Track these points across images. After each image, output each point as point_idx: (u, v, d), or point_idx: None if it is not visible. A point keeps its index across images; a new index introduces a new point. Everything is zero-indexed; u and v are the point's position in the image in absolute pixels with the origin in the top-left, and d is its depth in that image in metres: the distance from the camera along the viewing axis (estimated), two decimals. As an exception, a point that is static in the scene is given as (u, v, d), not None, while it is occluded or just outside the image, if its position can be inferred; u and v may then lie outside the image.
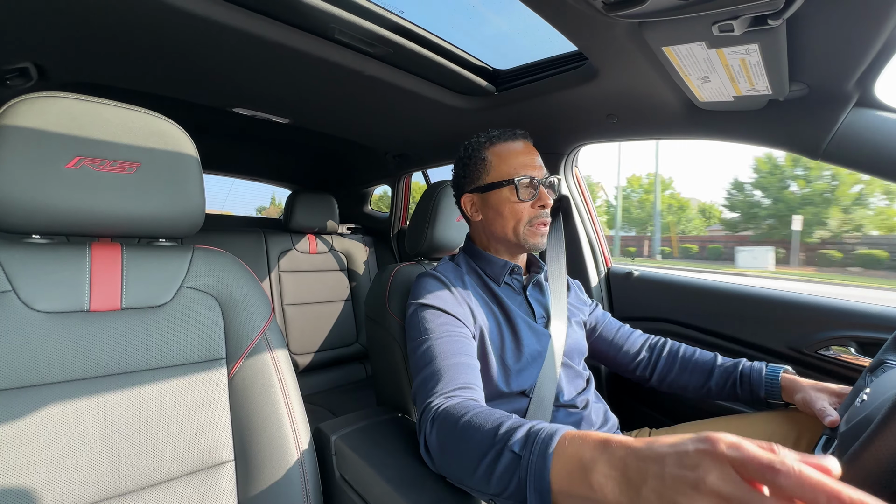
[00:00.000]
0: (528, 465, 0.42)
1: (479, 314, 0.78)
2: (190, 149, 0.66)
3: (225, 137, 2.09)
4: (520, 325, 0.81)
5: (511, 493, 0.44)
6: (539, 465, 0.41)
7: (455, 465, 0.52)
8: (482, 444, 0.47)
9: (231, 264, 0.71)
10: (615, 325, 1.02)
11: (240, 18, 0.82)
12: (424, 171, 2.09)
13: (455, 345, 0.69)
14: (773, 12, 0.56)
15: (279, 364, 0.69)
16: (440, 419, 0.56)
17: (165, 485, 0.58)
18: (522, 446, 0.43)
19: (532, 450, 0.42)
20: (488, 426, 0.48)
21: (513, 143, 0.87)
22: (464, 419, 0.52)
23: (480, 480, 0.47)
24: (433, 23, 0.97)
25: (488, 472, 0.46)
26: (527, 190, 0.83)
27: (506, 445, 0.45)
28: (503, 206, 0.84)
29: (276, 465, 0.64)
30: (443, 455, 0.54)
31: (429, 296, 0.77)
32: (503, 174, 0.84)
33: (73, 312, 0.58)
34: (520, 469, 0.43)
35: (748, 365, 0.86)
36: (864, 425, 0.47)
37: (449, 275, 0.83)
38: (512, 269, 0.86)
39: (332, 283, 1.89)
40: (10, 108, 0.54)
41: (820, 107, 0.81)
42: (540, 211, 0.84)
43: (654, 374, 0.95)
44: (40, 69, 1.04)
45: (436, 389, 0.62)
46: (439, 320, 0.73)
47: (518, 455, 0.43)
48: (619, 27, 0.70)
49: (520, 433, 0.45)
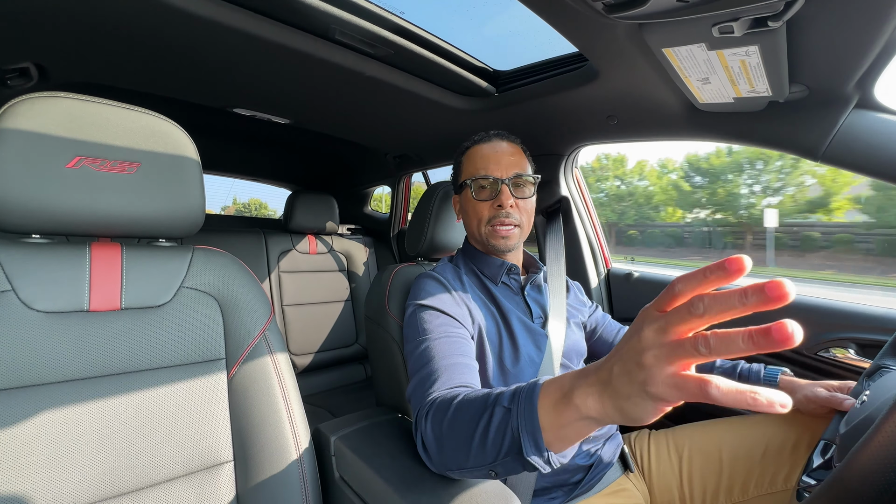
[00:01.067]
0: (518, 411, 0.45)
1: (477, 315, 0.78)
2: (190, 149, 0.66)
3: (225, 138, 2.09)
4: (516, 325, 0.80)
5: (507, 449, 0.45)
6: (528, 408, 0.44)
7: (452, 447, 0.52)
8: (475, 414, 0.50)
9: (231, 264, 0.71)
10: (615, 326, 1.02)
11: (240, 19, 0.82)
12: (424, 172, 2.09)
13: (453, 346, 0.69)
14: (773, 14, 0.56)
15: (279, 364, 0.69)
16: (434, 410, 0.57)
17: (165, 485, 0.58)
18: (510, 400, 0.47)
19: (519, 398, 0.45)
20: (479, 397, 0.51)
21: (485, 144, 0.88)
22: (456, 400, 0.54)
23: (478, 450, 0.49)
24: (433, 23, 0.98)
25: (483, 437, 0.48)
26: (482, 190, 0.84)
27: (496, 405, 0.48)
28: (467, 205, 0.87)
29: (275, 466, 0.63)
30: (439, 442, 0.55)
31: (428, 297, 0.77)
32: (467, 174, 0.87)
33: (73, 312, 0.58)
34: (511, 419, 0.45)
35: (746, 367, 0.86)
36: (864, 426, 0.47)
37: (448, 275, 0.83)
38: (509, 268, 0.87)
39: (331, 283, 1.89)
40: (11, 107, 0.54)
41: (820, 108, 0.81)
42: (498, 211, 0.83)
43: None
44: (41, 69, 1.05)
45: (433, 389, 0.62)
46: (438, 321, 0.73)
47: (508, 408, 0.46)
48: (620, 28, 0.70)
49: (507, 393, 0.48)
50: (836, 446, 0.55)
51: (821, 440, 0.64)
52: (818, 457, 0.61)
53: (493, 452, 0.47)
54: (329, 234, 1.95)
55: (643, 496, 0.81)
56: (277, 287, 1.74)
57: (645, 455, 0.86)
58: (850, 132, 0.79)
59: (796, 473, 0.70)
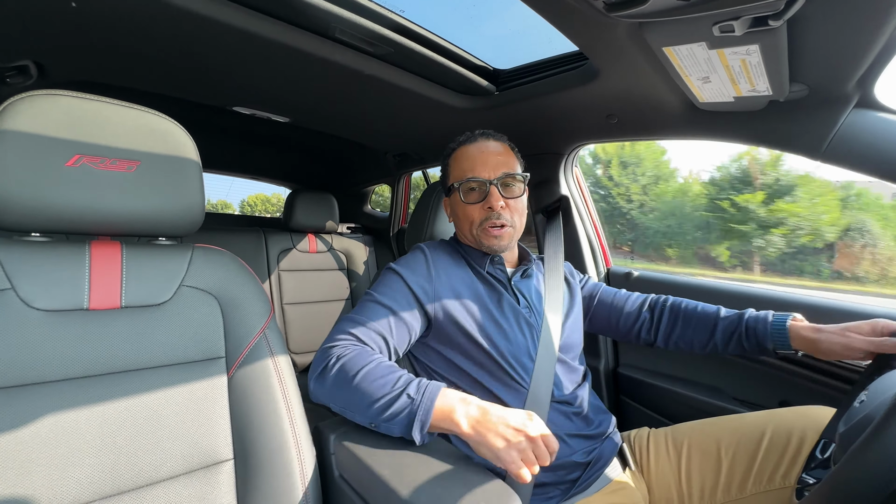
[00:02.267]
0: (419, 405, 0.61)
1: (450, 291, 0.81)
2: (190, 147, 0.66)
3: (225, 136, 2.09)
4: (505, 306, 0.82)
5: (398, 421, 0.62)
6: (427, 406, 0.61)
7: (349, 398, 0.65)
8: (383, 386, 0.64)
9: (231, 263, 0.71)
10: (612, 290, 1.02)
11: (240, 17, 0.82)
12: (424, 171, 2.09)
13: (391, 319, 0.76)
14: (773, 13, 0.56)
15: (279, 363, 0.69)
16: (343, 362, 0.67)
17: (165, 483, 0.58)
18: (417, 393, 0.63)
19: (423, 396, 0.62)
20: (388, 375, 0.65)
21: (471, 145, 0.88)
22: (368, 366, 0.66)
23: (373, 413, 0.63)
24: (433, 22, 0.98)
25: (383, 408, 0.62)
26: (472, 192, 0.84)
27: (404, 391, 0.63)
28: (457, 208, 0.87)
29: (275, 465, 0.64)
30: (339, 385, 0.66)
31: (403, 264, 0.83)
32: (455, 177, 0.87)
33: (73, 311, 0.58)
34: (412, 406, 0.62)
35: (753, 316, 0.83)
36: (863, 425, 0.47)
37: (439, 251, 0.86)
38: (492, 258, 0.87)
39: (331, 282, 1.89)
40: (10, 106, 0.54)
41: (820, 108, 0.81)
42: (490, 213, 0.83)
43: (659, 334, 0.94)
44: (40, 67, 1.04)
45: (352, 332, 0.72)
46: (395, 287, 0.79)
47: (412, 399, 0.62)
48: (620, 27, 0.70)
49: (413, 385, 0.64)
50: (836, 444, 0.55)
51: (820, 439, 0.64)
52: (817, 455, 0.61)
53: (384, 419, 0.62)
54: (329, 232, 1.95)
55: (642, 494, 0.81)
56: (277, 286, 1.74)
57: (644, 453, 0.86)
58: (851, 131, 0.79)
59: (795, 471, 0.70)
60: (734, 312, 0.86)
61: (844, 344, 0.72)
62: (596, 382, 1.31)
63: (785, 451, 0.72)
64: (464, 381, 0.80)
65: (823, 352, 0.74)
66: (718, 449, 0.78)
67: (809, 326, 0.77)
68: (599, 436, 0.81)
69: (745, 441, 0.76)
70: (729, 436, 0.79)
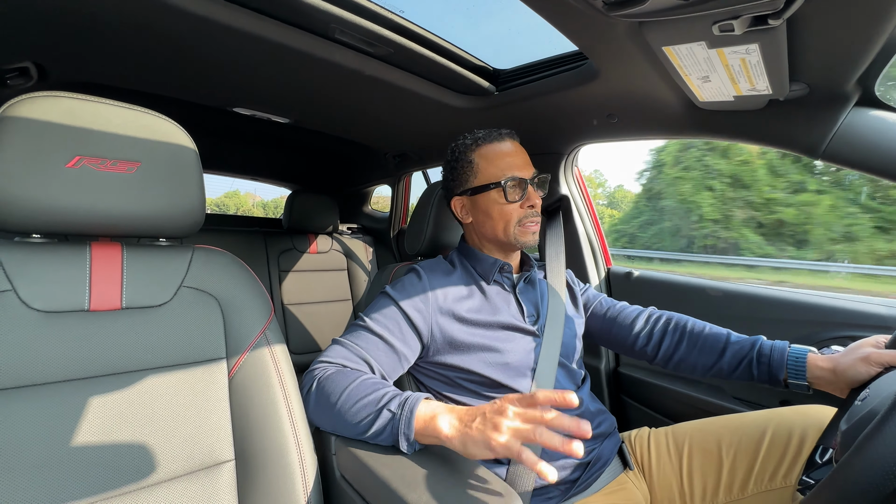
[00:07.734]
0: (399, 419, 0.62)
1: (447, 310, 0.80)
2: (190, 148, 0.66)
3: (225, 137, 2.09)
4: (507, 315, 0.82)
5: (385, 437, 0.63)
6: (408, 418, 0.61)
7: (335, 419, 0.67)
8: (366, 407, 0.64)
9: (231, 264, 0.71)
10: (610, 301, 1.01)
11: (240, 18, 0.82)
12: (424, 171, 2.09)
13: (383, 347, 0.75)
14: (773, 12, 0.56)
15: (279, 364, 0.69)
16: (325, 382, 0.68)
17: (165, 484, 0.58)
18: (398, 407, 0.63)
19: (403, 409, 0.62)
20: (370, 394, 0.65)
21: (499, 143, 0.87)
22: (352, 385, 0.66)
23: (359, 430, 0.64)
24: (433, 22, 0.99)
25: (369, 424, 0.63)
26: (514, 191, 0.83)
27: (385, 407, 0.63)
28: (492, 208, 0.84)
29: (276, 465, 0.63)
30: (324, 409, 0.67)
31: (398, 288, 0.81)
32: (490, 176, 0.84)
33: (73, 312, 0.58)
34: (394, 421, 0.62)
35: (767, 344, 0.80)
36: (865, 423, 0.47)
37: (434, 271, 0.85)
38: (501, 266, 0.87)
39: (331, 282, 1.89)
40: (11, 107, 0.54)
41: (820, 106, 0.81)
42: (529, 210, 0.84)
43: (659, 352, 0.90)
44: (40, 69, 1.04)
45: (340, 356, 0.73)
46: (388, 313, 0.78)
47: (394, 413, 0.62)
48: (620, 27, 0.70)
49: (395, 400, 0.64)
50: (838, 443, 0.55)
51: (821, 437, 0.64)
52: (819, 454, 0.61)
53: (369, 436, 0.64)
54: (329, 233, 1.95)
55: (643, 494, 0.81)
56: (278, 286, 1.75)
57: (645, 453, 0.86)
58: (851, 130, 0.79)
59: (796, 470, 0.70)
60: (745, 338, 0.83)
61: (865, 361, 0.69)
62: (596, 382, 1.31)
63: (786, 451, 0.72)
64: (465, 395, 0.80)
65: (848, 379, 0.70)
66: (719, 448, 0.78)
67: (825, 358, 0.75)
68: (599, 436, 0.81)
69: (746, 440, 0.76)
70: (730, 435, 0.78)
